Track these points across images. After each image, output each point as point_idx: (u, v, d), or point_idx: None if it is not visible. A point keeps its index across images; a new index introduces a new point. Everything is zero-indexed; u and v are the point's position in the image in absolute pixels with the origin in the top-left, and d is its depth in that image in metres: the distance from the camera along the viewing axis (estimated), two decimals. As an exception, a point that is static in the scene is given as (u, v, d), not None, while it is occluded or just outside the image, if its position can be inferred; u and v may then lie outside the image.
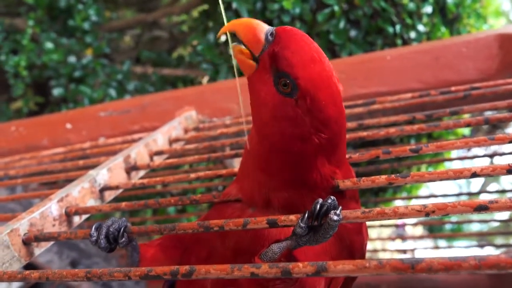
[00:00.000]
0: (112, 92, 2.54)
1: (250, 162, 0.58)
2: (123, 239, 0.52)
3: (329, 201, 0.45)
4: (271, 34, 0.51)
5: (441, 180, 0.50)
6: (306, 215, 0.45)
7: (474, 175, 0.49)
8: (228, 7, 1.82)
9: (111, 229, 0.52)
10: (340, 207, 0.45)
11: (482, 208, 0.41)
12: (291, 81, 0.49)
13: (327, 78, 0.51)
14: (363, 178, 0.52)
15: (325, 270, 0.37)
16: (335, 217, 0.43)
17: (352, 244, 0.57)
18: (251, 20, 0.53)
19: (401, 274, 0.35)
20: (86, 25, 2.71)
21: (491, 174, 0.48)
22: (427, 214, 0.43)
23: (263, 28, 0.52)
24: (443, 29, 1.89)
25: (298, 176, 0.53)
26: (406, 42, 1.81)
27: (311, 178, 0.53)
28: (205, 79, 2.82)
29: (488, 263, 0.32)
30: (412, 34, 1.79)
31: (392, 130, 0.67)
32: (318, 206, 0.44)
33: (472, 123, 0.63)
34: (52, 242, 0.61)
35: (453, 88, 0.86)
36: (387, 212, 0.44)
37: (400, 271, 0.35)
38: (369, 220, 0.45)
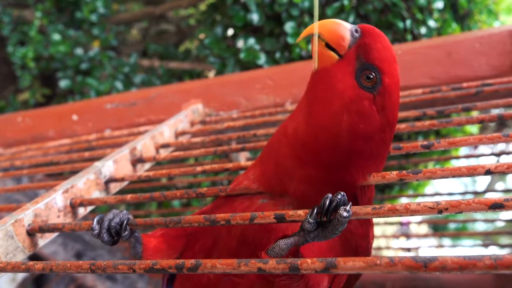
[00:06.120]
0: (119, 84, 2.53)
1: (284, 147, 0.55)
2: (126, 232, 0.52)
3: (339, 196, 0.44)
4: (356, 30, 0.51)
5: (453, 177, 0.49)
6: (315, 210, 0.44)
7: (488, 172, 0.48)
8: (236, 1, 1.81)
9: (112, 223, 0.51)
10: (350, 203, 0.44)
11: (497, 206, 0.40)
12: (377, 74, 0.49)
13: (399, 82, 0.52)
14: (373, 173, 0.51)
15: (334, 266, 0.36)
16: (345, 213, 0.42)
17: (357, 247, 0.56)
18: (333, 20, 0.52)
19: (412, 273, 0.34)
20: (93, 17, 2.71)
21: (506, 171, 0.47)
22: (439, 211, 0.42)
23: (347, 26, 0.51)
24: (454, 25, 1.86)
25: (335, 173, 0.52)
26: (416, 37, 1.78)
27: (347, 178, 0.52)
28: (211, 73, 2.81)
29: (504, 263, 0.31)
30: (423, 30, 1.76)
31: (402, 126, 0.65)
32: (328, 202, 0.43)
33: (485, 119, 0.62)
34: (56, 234, 0.60)
35: (464, 84, 0.85)
36: (398, 209, 0.43)
37: (412, 270, 0.34)
38: (380, 217, 0.44)
